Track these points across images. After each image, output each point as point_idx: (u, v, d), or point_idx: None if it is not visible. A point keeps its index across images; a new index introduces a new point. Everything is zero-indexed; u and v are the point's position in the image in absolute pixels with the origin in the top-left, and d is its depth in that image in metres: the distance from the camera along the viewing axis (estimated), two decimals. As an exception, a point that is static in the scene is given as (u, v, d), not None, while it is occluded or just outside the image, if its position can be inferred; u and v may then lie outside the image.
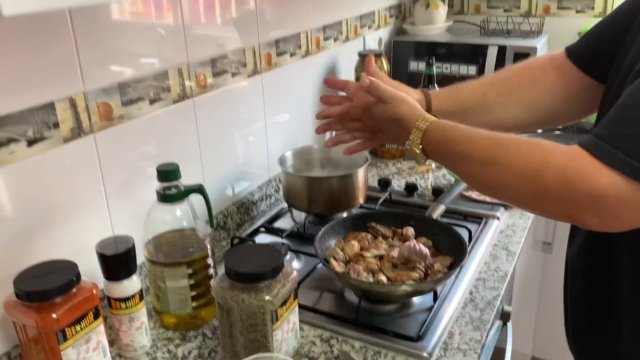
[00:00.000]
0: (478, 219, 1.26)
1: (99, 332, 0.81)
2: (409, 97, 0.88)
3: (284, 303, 0.79)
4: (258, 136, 1.36)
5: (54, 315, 0.74)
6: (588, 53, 0.91)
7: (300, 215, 1.29)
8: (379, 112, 0.89)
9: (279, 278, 0.79)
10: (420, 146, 0.81)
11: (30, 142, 0.83)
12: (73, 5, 0.47)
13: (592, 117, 0.91)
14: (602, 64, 0.83)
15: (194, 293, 0.93)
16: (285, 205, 1.35)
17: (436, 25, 1.97)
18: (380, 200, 1.33)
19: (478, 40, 1.87)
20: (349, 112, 0.97)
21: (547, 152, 0.66)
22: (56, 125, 0.86)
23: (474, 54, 1.84)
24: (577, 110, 0.95)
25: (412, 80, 1.81)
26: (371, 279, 0.95)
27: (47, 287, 0.75)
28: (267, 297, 0.76)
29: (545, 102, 0.93)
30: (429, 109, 0.95)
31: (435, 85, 1.57)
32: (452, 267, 0.98)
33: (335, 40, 1.62)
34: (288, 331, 0.82)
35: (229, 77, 1.21)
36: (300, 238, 1.21)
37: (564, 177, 0.63)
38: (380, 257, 1.02)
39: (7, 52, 0.77)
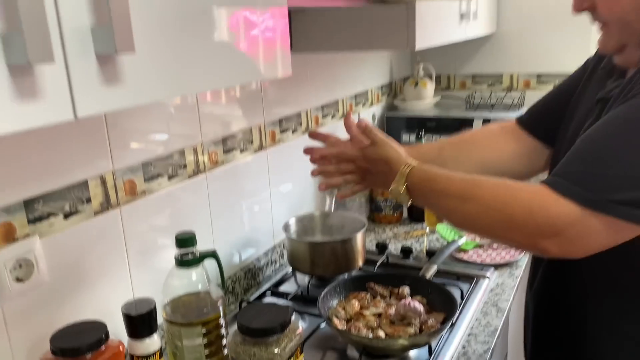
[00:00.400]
0: (470, 278, 1.36)
1: (123, 387, 0.89)
2: (395, 146, 1.00)
3: (291, 356, 0.88)
4: (263, 205, 1.48)
5: (85, 370, 0.83)
6: (536, 118, 1.06)
7: (304, 279, 1.39)
8: (370, 153, 0.99)
9: (286, 333, 0.88)
10: (405, 184, 0.91)
11: (67, 215, 0.94)
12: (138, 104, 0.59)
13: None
14: (548, 127, 0.98)
15: (207, 351, 1.01)
16: (290, 270, 1.44)
17: (425, 101, 2.14)
18: (378, 263, 1.42)
19: (464, 113, 2.04)
20: (345, 153, 1.05)
21: (514, 189, 0.79)
22: (88, 200, 0.98)
23: (461, 127, 1.99)
24: (524, 169, 1.07)
25: (405, 151, 1.96)
26: (370, 335, 1.04)
27: (79, 344, 0.83)
28: (276, 350, 0.85)
29: (495, 160, 1.05)
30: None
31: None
32: (444, 322, 1.07)
33: (332, 117, 1.78)
34: (295, 383, 0.90)
35: (238, 153, 1.35)
36: (305, 300, 1.30)
37: (528, 209, 0.75)
38: (379, 315, 1.11)
39: (51, 139, 0.90)
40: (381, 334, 1.04)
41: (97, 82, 0.54)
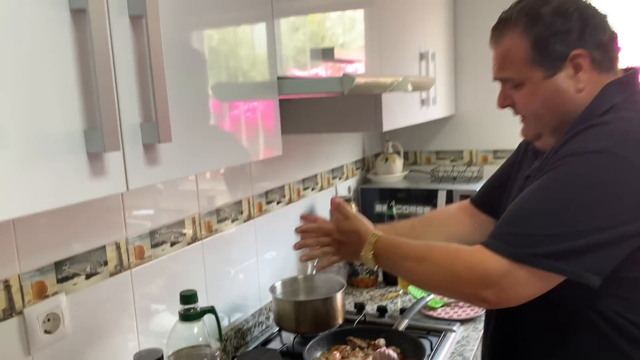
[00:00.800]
0: (438, 332, 1.51)
1: None
2: (365, 220, 1.16)
3: (283, 394, 1.01)
4: (251, 270, 1.63)
5: (104, 411, 0.95)
6: (484, 197, 1.28)
7: (289, 337, 1.52)
8: (344, 226, 1.16)
9: (279, 374, 1.02)
10: (372, 251, 1.08)
11: (88, 276, 1.09)
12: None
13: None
14: (494, 203, 1.18)
15: (207, 398, 1.14)
16: (276, 329, 1.58)
17: (395, 174, 2.37)
18: (357, 320, 1.57)
19: (430, 185, 2.26)
20: (323, 228, 1.21)
21: (457, 249, 0.97)
22: (105, 263, 1.13)
23: (428, 197, 2.21)
24: (480, 239, 1.23)
25: (379, 219, 2.15)
26: (351, 379, 1.18)
27: (99, 388, 0.97)
28: (270, 388, 0.99)
29: (455, 234, 1.24)
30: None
31: (397, 223, 1.90)
32: (416, 367, 1.22)
33: (312, 189, 1.98)
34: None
35: (230, 223, 1.52)
36: (290, 355, 1.43)
37: (468, 265, 0.93)
38: (357, 362, 1.26)
39: (79, 211, 1.07)
40: (360, 378, 1.18)
41: (143, 164, 0.73)
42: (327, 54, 1.22)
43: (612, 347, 0.95)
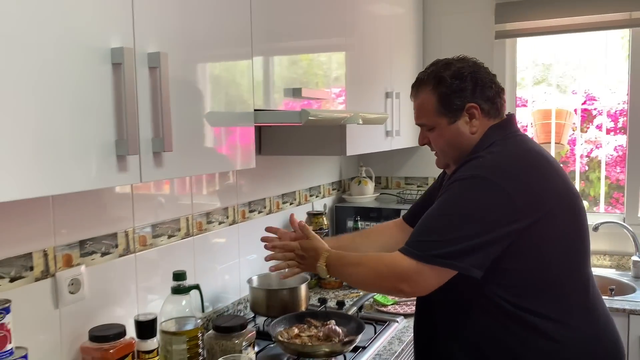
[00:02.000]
0: (383, 322, 1.84)
1: (132, 369, 1.33)
2: (321, 239, 1.49)
3: (247, 347, 1.34)
4: (233, 268, 1.96)
5: (111, 351, 1.28)
6: (413, 214, 1.60)
7: (261, 321, 1.84)
8: (305, 244, 1.48)
9: (244, 332, 1.35)
10: (325, 263, 1.39)
11: (103, 254, 1.43)
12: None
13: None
14: (419, 219, 1.45)
15: (188, 354, 1.45)
16: (251, 315, 1.90)
17: (367, 196, 2.72)
18: (318, 309, 1.89)
19: (397, 206, 2.59)
20: (288, 244, 1.53)
21: (381, 255, 1.31)
22: (117, 246, 1.47)
23: (394, 216, 2.53)
24: None
25: (348, 232, 2.49)
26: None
27: (107, 334, 1.29)
28: (236, 341, 1.31)
29: (389, 244, 1.53)
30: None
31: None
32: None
33: (290, 204, 2.32)
34: (249, 369, 1.36)
35: (217, 224, 1.86)
36: (261, 335, 1.75)
37: (389, 266, 1.26)
38: (311, 336, 1.58)
39: (104, 202, 1.41)
40: (309, 344, 1.50)
41: (152, 165, 1.08)
42: (296, 93, 1.57)
43: (494, 319, 1.26)
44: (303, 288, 1.82)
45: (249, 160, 1.41)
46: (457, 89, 1.30)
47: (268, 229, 1.60)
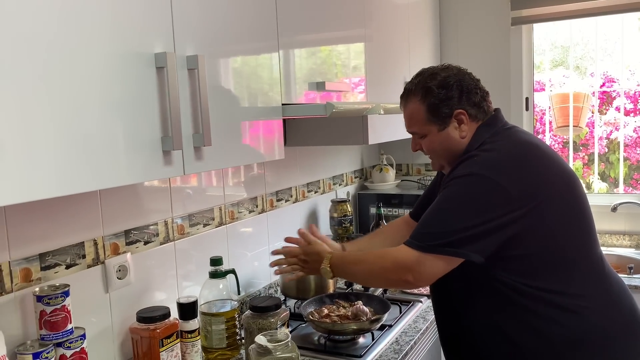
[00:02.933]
0: (408, 302, 1.92)
1: (177, 347, 1.44)
2: (323, 243, 1.53)
3: (282, 325, 1.44)
4: (263, 255, 2.06)
5: (157, 331, 1.39)
6: (417, 211, 1.65)
7: (292, 303, 1.94)
8: (307, 249, 1.52)
9: (279, 311, 1.45)
10: (329, 264, 1.44)
11: (145, 243, 1.54)
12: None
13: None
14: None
15: (227, 334, 1.56)
16: (282, 298, 2.00)
17: (388, 182, 2.79)
18: (346, 291, 1.99)
19: (418, 192, 2.67)
20: (292, 251, 1.57)
21: (386, 250, 1.38)
22: (157, 234, 1.58)
23: (415, 201, 2.61)
24: None
25: (372, 219, 2.57)
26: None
27: (154, 315, 1.40)
28: (272, 320, 1.42)
29: (400, 242, 1.48)
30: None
31: (384, 221, 2.32)
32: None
33: (315, 192, 2.41)
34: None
35: (247, 213, 1.96)
36: (292, 316, 1.85)
37: (393, 258, 1.31)
38: (340, 316, 1.67)
39: (143, 196, 1.52)
40: (339, 322, 1.60)
41: (193, 159, 1.18)
42: (320, 86, 1.66)
43: (512, 301, 1.30)
44: (331, 271, 1.92)
45: (278, 151, 1.50)
46: (445, 98, 1.36)
47: (287, 240, 1.63)
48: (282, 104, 1.50)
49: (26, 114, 0.85)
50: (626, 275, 2.29)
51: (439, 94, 1.36)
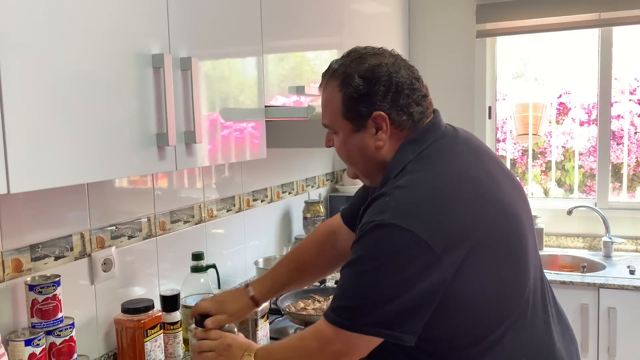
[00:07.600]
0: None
1: (160, 338, 1.49)
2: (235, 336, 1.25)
3: (262, 317, 1.51)
4: (239, 252, 2.12)
5: (142, 321, 1.44)
6: (350, 213, 1.39)
7: (267, 300, 2.01)
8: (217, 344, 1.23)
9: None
10: None
11: (129, 237, 1.58)
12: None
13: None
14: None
15: (208, 326, 1.62)
16: (257, 295, 2.06)
17: (357, 185, 2.88)
18: (320, 286, 2.07)
19: (387, 194, 2.78)
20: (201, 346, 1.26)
21: (302, 337, 1.12)
22: (140, 229, 1.63)
23: (384, 203, 2.72)
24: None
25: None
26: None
27: (138, 307, 1.45)
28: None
29: (336, 261, 1.40)
30: (257, 304, 1.37)
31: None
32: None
33: (289, 193, 2.49)
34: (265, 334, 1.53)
35: (225, 212, 2.02)
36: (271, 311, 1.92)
37: (316, 339, 1.07)
38: (315, 309, 1.75)
39: (132, 192, 1.57)
40: (315, 314, 1.68)
41: (185, 154, 1.24)
42: (299, 90, 1.74)
43: None
44: (306, 268, 1.99)
45: (260, 151, 1.58)
46: (365, 93, 1.07)
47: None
48: (265, 106, 1.57)
49: (43, 110, 0.90)
50: (580, 274, 2.45)
51: (359, 86, 1.07)
